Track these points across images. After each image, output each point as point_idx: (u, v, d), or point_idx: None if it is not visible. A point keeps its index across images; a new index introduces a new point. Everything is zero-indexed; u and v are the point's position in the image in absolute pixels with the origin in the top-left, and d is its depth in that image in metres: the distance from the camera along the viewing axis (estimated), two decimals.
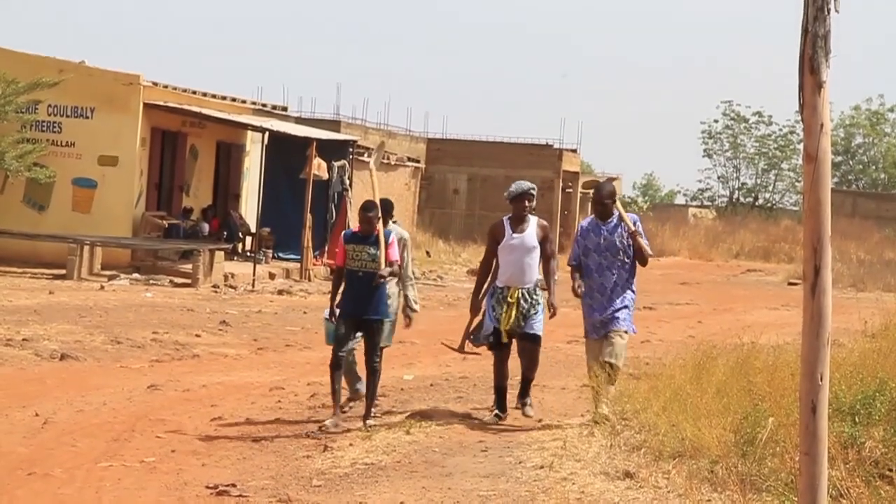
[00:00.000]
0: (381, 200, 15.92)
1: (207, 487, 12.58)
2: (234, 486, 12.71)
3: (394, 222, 16.34)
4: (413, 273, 16.86)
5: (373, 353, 15.17)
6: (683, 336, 26.53)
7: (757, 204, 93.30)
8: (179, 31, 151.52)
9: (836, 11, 8.09)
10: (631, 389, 17.83)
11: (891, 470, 11.46)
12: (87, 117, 37.74)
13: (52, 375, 19.48)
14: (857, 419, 13.55)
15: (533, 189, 15.72)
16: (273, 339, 24.84)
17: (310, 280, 39.72)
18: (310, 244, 40.82)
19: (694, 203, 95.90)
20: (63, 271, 34.13)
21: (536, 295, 15.44)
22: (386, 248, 14.89)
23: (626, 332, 15.50)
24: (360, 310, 14.97)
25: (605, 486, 13.14)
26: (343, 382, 15.61)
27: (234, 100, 44.27)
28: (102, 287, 32.82)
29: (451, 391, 18.74)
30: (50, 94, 36.99)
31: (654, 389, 17.32)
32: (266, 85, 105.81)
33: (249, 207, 42.98)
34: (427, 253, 50.76)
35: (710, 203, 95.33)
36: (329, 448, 14.92)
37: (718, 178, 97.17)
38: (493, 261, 15.61)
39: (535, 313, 15.39)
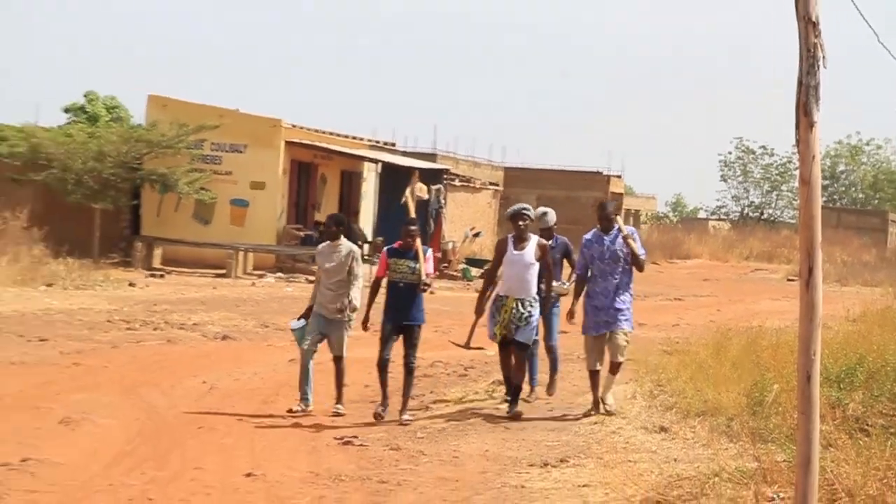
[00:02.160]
0: (335, 216, 14.89)
1: (335, 439, 12.66)
2: (356, 437, 12.79)
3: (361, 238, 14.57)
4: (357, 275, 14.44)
5: (411, 353, 13.65)
6: (705, 321, 26.34)
7: (762, 218, 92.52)
8: (312, 80, 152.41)
9: (825, 67, 8.06)
10: (664, 363, 17.80)
11: (868, 425, 11.39)
12: (240, 152, 37.99)
13: (216, 352, 19.67)
14: (841, 386, 13.47)
15: (526, 210, 14.15)
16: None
17: None
18: None
19: (713, 217, 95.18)
20: (223, 271, 34.45)
21: (531, 306, 13.82)
22: (424, 262, 13.39)
23: (626, 332, 14.11)
24: (401, 317, 13.49)
25: (645, 438, 13.12)
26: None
27: (354, 138, 44.31)
28: (254, 283, 33.11)
29: None
30: (212, 134, 37.31)
31: (682, 363, 17.27)
32: (379, 125, 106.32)
33: (366, 221, 43.06)
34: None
35: (725, 217, 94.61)
36: (429, 408, 14.98)
37: (732, 197, 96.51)
38: (496, 272, 14.13)
39: (527, 324, 13.77)
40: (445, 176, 47.01)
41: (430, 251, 13.79)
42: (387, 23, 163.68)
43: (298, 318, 14.31)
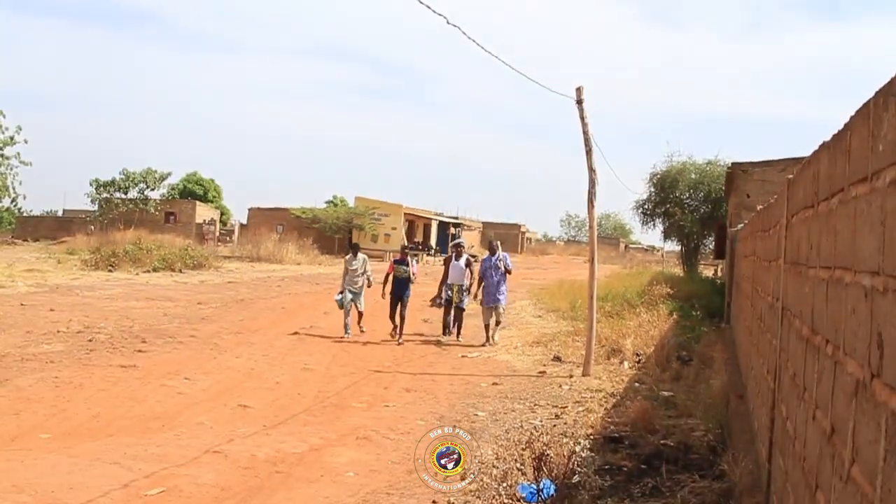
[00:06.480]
0: (353, 245, 11.34)
1: (423, 320, 12.29)
2: (429, 319, 12.45)
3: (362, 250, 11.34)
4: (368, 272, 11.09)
5: (403, 309, 10.36)
6: (556, 279, 26.06)
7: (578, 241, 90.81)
8: (413, 185, 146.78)
9: (598, 185, 8.07)
10: (540, 292, 17.66)
11: (612, 314, 11.39)
12: (387, 216, 37.83)
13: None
14: (605, 300, 13.44)
15: (462, 243, 11.20)
16: (435, 280, 24.56)
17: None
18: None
19: (560, 240, 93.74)
20: (382, 260, 34.25)
21: (464, 289, 10.61)
22: (412, 267, 10.54)
23: (503, 307, 10.50)
24: (399, 294, 10.43)
25: (532, 319, 12.97)
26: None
27: (427, 210, 44.17)
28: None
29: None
30: (377, 210, 37.31)
31: (546, 291, 17.14)
32: (436, 204, 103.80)
33: (432, 243, 42.98)
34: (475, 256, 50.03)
35: (563, 240, 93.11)
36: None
37: (565, 233, 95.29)
38: (447, 271, 10.83)
39: (463, 298, 10.57)
40: (461, 225, 46.83)
41: (415, 261, 10.92)
42: (443, 148, 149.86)
43: (338, 294, 10.96)
